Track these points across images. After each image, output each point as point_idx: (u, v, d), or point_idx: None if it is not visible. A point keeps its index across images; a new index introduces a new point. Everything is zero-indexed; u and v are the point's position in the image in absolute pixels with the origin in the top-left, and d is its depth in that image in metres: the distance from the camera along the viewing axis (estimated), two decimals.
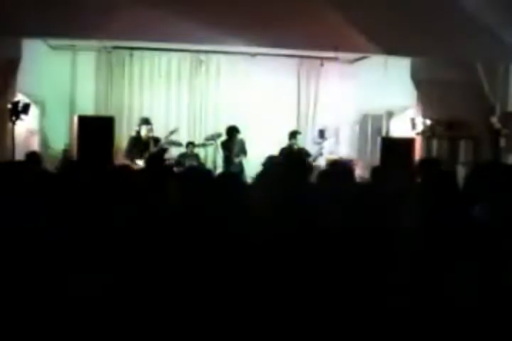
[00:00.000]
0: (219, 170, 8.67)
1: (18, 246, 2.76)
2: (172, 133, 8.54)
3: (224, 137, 9.12)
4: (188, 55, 10.53)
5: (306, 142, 10.06)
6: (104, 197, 3.39)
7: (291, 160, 5.24)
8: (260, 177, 4.04)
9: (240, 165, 8.98)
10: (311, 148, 9.34)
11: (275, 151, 8.61)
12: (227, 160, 8.98)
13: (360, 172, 8.08)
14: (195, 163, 9.00)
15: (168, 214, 3.15)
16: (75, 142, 8.34)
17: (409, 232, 3.09)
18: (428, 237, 2.94)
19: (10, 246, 2.76)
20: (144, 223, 3.03)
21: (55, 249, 2.76)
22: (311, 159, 8.42)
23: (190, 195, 3.30)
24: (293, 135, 8.96)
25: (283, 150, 8.71)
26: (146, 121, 8.59)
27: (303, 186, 3.93)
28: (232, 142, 9.02)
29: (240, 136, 9.13)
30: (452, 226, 2.95)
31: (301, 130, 10.02)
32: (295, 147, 8.95)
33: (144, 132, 8.45)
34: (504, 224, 3.00)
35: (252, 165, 8.18)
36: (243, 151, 9.06)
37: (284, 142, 8.98)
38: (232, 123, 9.27)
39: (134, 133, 8.74)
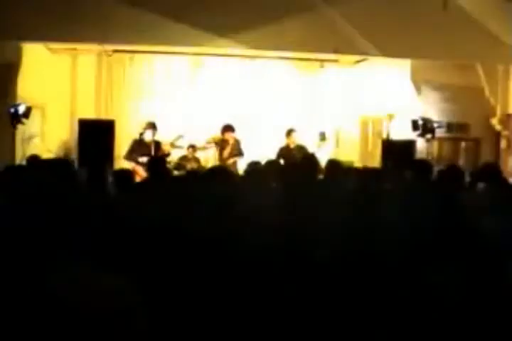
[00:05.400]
0: None
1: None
2: (178, 138, 8.57)
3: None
4: (187, 58, 10.52)
5: (307, 145, 10.04)
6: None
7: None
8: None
9: None
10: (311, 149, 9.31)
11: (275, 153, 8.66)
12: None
13: None
14: (195, 166, 8.96)
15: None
16: (75, 146, 8.34)
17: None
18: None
19: None
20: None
21: None
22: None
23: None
24: (289, 133, 8.93)
25: (281, 151, 8.71)
26: (152, 126, 8.52)
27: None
28: None
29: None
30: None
31: (301, 132, 10.00)
32: (292, 146, 8.89)
33: (149, 136, 8.39)
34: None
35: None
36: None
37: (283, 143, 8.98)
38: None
39: (137, 136, 8.70)
